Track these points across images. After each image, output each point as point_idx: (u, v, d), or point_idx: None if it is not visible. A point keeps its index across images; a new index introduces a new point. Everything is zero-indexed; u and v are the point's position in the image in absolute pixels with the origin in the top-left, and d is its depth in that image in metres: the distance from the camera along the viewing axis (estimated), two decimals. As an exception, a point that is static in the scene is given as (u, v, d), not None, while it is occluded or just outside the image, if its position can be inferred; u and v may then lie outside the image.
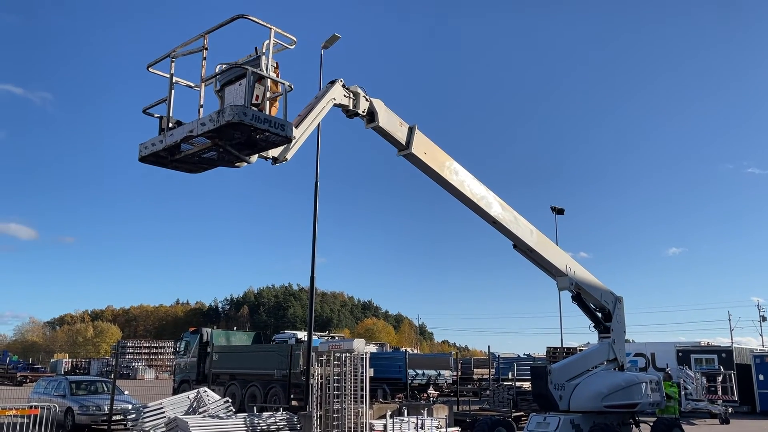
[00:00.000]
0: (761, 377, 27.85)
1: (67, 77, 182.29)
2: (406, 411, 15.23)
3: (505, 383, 24.18)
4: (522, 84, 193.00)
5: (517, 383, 23.14)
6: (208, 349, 25.52)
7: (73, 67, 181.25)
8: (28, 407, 15.37)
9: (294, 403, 20.62)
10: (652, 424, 14.40)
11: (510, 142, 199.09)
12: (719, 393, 25.78)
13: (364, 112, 10.29)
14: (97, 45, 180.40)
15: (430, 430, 14.41)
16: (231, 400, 16.66)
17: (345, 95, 9.93)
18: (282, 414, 15.55)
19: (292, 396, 21.34)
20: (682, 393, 25.61)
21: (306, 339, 22.01)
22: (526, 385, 22.18)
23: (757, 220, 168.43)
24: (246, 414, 15.54)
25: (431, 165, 11.47)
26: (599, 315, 14.76)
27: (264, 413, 15.71)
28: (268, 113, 7.45)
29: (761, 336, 77.54)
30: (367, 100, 10.27)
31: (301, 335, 31.84)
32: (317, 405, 14.14)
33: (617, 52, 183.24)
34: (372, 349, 32.00)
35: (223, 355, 25.58)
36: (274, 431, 14.96)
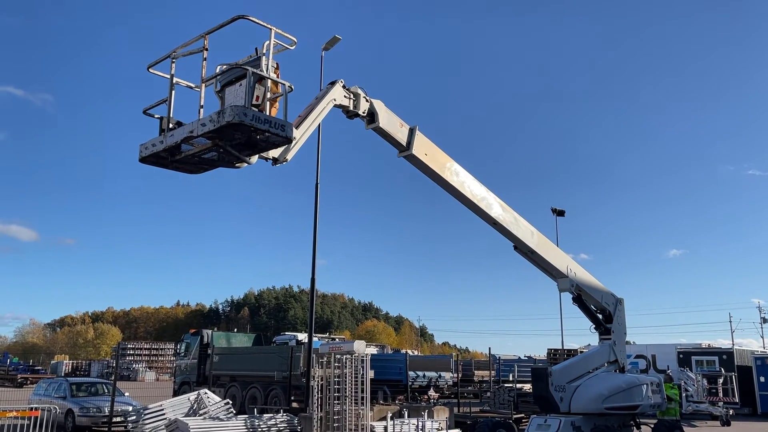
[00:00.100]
0: (762, 379, 27.81)
1: (67, 79, 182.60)
2: (406, 413, 15.19)
3: (505, 385, 24.16)
4: (522, 85, 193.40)
5: (518, 385, 23.11)
6: (209, 351, 25.52)
7: (74, 69, 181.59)
8: (28, 409, 15.36)
9: (294, 404, 20.60)
10: (652, 426, 14.38)
11: (510, 143, 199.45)
12: (720, 395, 25.76)
13: (364, 113, 10.27)
14: (97, 46, 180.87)
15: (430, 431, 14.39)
16: (231, 402, 16.64)
17: (345, 96, 9.93)
18: (282, 416, 15.54)
19: (292, 398, 21.32)
20: (683, 395, 25.59)
21: (306, 341, 22.00)
22: (527, 386, 22.15)
23: (758, 221, 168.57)
24: (246, 416, 15.53)
25: (432, 166, 11.45)
26: (600, 317, 14.73)
27: (264, 415, 15.70)
28: (268, 114, 7.44)
29: (762, 338, 77.56)
30: (367, 100, 10.26)
31: (302, 337, 31.83)
32: (318, 407, 14.12)
33: (618, 54, 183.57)
34: (372, 350, 31.98)
35: (223, 357, 25.57)
36: (274, 433, 14.94)
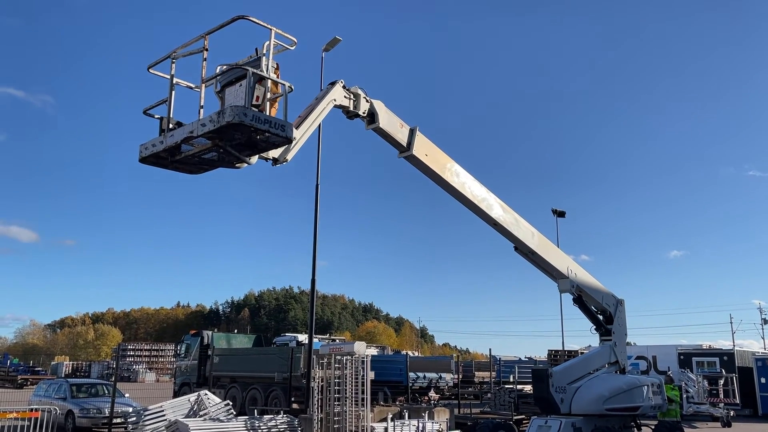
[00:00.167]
0: (763, 380, 27.78)
1: (68, 80, 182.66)
2: (407, 414, 15.18)
3: (506, 386, 24.15)
4: (523, 87, 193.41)
5: (519, 386, 23.10)
6: (209, 352, 25.51)
7: (74, 70, 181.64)
8: (28, 410, 15.35)
9: (295, 406, 20.58)
10: (653, 427, 14.36)
11: (511, 145, 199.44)
12: (721, 396, 25.75)
13: (364, 114, 10.27)
14: (98, 48, 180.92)
15: (431, 433, 14.37)
16: (232, 403, 16.63)
17: (345, 96, 9.93)
18: (283, 417, 15.51)
19: (292, 399, 21.31)
20: (684, 396, 25.57)
21: (307, 342, 21.98)
22: (528, 388, 22.16)
23: (759, 222, 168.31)
24: (247, 417, 15.50)
25: (432, 167, 11.45)
26: (600, 318, 14.71)
27: (265, 416, 15.67)
28: (268, 114, 7.44)
29: (763, 339, 77.51)
30: (367, 101, 10.25)
31: (302, 338, 31.83)
32: (318, 408, 14.11)
33: (619, 55, 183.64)
34: (373, 352, 31.98)
35: (223, 358, 25.56)
36: (274, 434, 14.91)
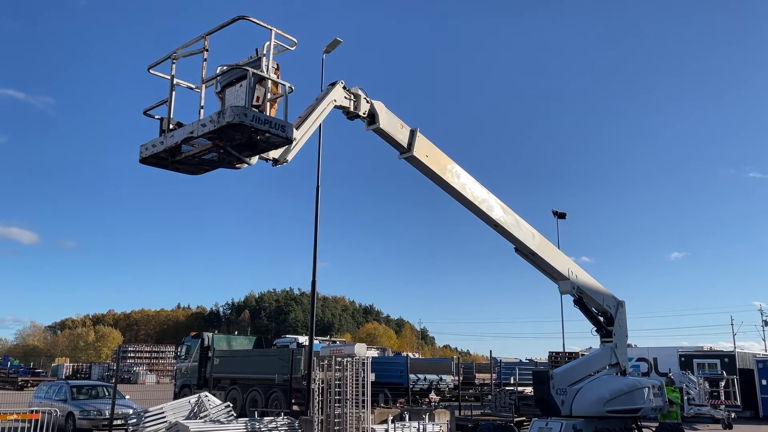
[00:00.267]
0: (764, 382, 27.75)
1: (68, 82, 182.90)
2: (407, 416, 15.16)
3: (506, 388, 24.14)
4: (523, 87, 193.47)
5: (519, 388, 23.09)
6: (210, 354, 25.47)
7: (75, 72, 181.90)
8: (29, 412, 15.37)
9: (295, 407, 20.56)
10: (654, 429, 14.34)
11: (511, 145, 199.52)
12: (722, 398, 25.74)
13: (364, 114, 10.25)
14: (98, 49, 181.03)
15: (431, 434, 14.35)
16: (232, 405, 16.60)
17: (346, 97, 9.92)
18: (283, 419, 15.48)
19: (293, 401, 21.29)
20: (685, 398, 25.53)
21: (307, 343, 21.96)
22: (528, 389, 22.16)
23: (759, 224, 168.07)
24: (247, 419, 15.48)
25: (433, 168, 11.43)
26: (601, 319, 14.68)
27: (265, 418, 15.65)
28: (268, 115, 7.43)
29: (764, 341, 77.18)
30: (367, 101, 10.24)
31: (303, 340, 31.84)
32: (318, 410, 14.09)
33: (619, 55, 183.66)
34: (373, 353, 31.98)
35: (224, 360, 25.54)
36: (274, 436, 14.89)
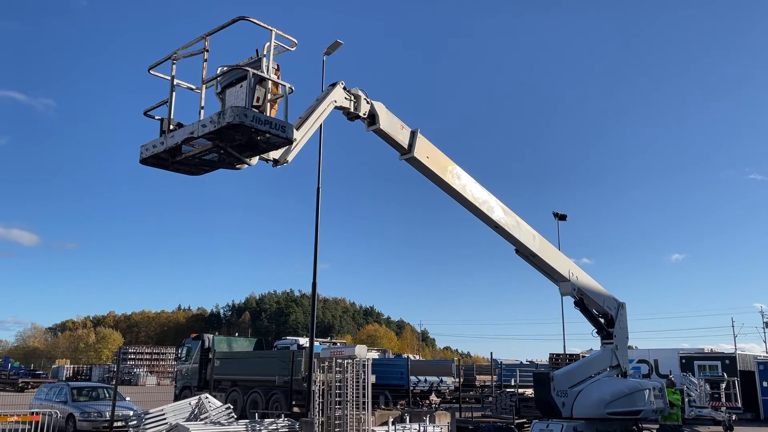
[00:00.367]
0: (765, 384, 27.72)
1: (69, 84, 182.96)
2: (408, 418, 15.14)
3: (507, 390, 24.06)
4: (524, 89, 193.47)
5: (520, 390, 23.02)
6: (210, 356, 25.43)
7: (76, 74, 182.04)
8: (29, 413, 15.35)
9: (296, 409, 20.54)
10: (655, 431, 14.32)
11: (512, 147, 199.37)
12: (723, 400, 25.68)
13: (365, 115, 10.26)
14: (99, 51, 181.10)
15: (432, 436, 14.32)
16: (232, 407, 16.60)
17: (346, 98, 9.92)
18: (284, 420, 15.48)
19: (293, 402, 21.26)
20: (686, 400, 25.47)
21: (308, 345, 21.94)
22: (529, 391, 22.08)
23: (760, 226, 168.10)
24: (248, 420, 15.48)
25: (434, 169, 11.43)
26: (602, 321, 14.67)
27: (265, 420, 15.65)
28: (268, 115, 7.43)
29: (765, 342, 77.04)
30: (368, 102, 10.24)
31: (303, 341, 31.78)
32: (319, 411, 14.08)
33: (620, 58, 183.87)
34: (374, 355, 31.91)
35: (224, 362, 25.51)
36: (275, 437, 14.88)
